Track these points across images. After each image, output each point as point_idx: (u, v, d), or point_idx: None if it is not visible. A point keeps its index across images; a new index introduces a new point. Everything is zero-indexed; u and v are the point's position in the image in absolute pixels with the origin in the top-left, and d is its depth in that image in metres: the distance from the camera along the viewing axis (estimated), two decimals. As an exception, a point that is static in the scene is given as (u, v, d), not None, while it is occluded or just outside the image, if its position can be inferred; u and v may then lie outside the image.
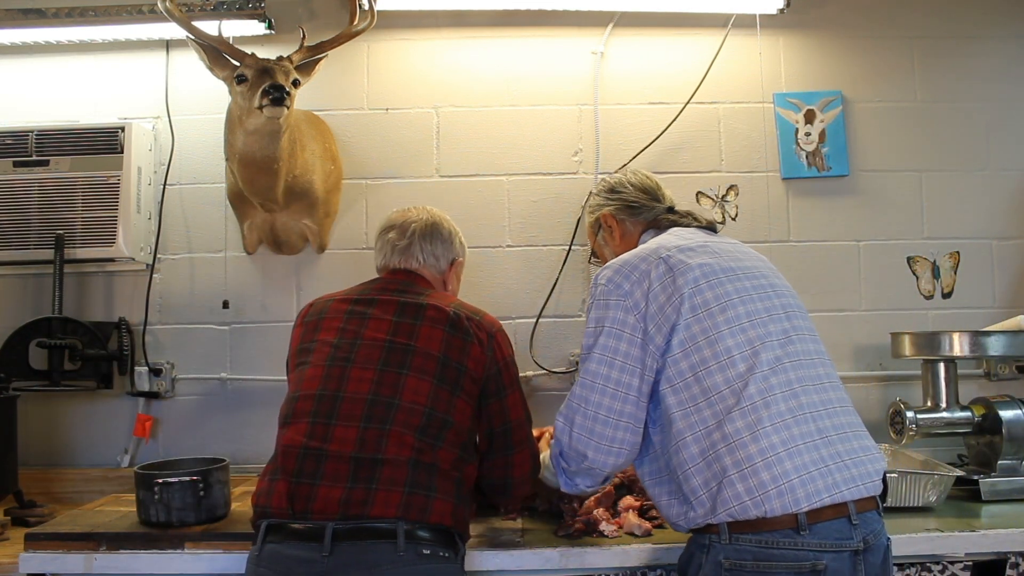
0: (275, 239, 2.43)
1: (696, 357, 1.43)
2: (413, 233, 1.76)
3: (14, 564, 1.67)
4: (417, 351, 1.54)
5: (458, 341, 1.57)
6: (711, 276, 1.50)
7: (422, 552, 1.40)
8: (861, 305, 2.51)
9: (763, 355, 1.43)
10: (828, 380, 1.49)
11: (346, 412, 1.48)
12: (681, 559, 1.49)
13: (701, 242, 1.59)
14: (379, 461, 1.43)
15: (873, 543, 1.39)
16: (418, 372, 1.52)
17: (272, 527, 1.44)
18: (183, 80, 2.48)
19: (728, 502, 1.35)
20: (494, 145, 2.50)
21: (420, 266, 1.75)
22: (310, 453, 1.46)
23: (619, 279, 1.53)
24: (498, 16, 2.48)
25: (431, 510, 1.43)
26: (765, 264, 1.62)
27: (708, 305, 1.46)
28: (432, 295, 1.67)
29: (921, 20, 2.57)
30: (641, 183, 1.82)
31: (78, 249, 2.31)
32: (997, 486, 2.05)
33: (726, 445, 1.37)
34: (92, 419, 2.43)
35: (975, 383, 2.48)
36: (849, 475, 1.38)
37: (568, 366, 2.45)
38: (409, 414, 1.48)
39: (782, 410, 1.39)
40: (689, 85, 2.49)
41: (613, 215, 1.81)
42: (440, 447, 1.48)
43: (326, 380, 1.53)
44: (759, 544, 1.34)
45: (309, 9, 2.49)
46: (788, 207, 2.52)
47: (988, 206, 2.55)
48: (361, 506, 1.40)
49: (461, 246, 1.85)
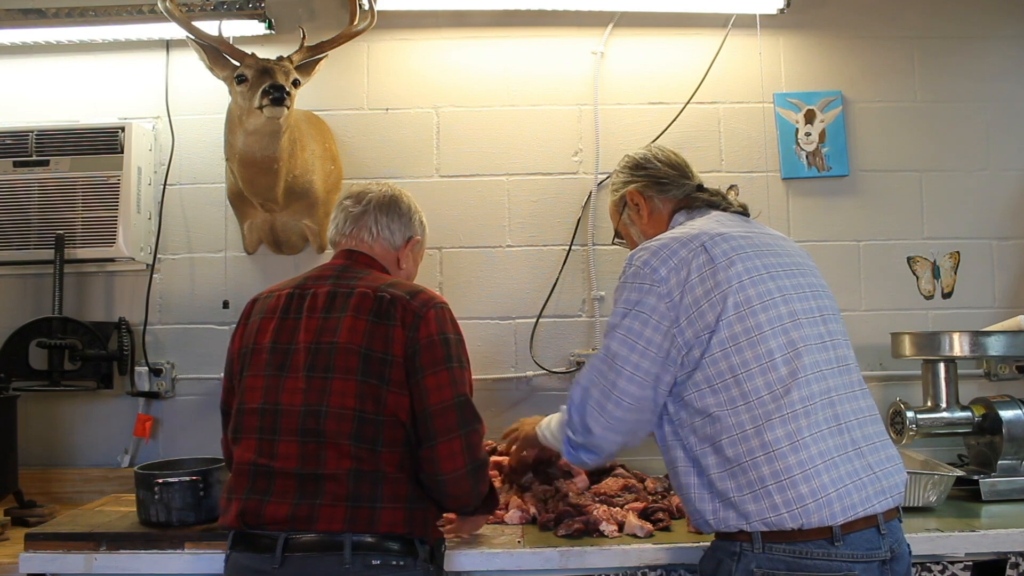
0: (275, 239, 2.43)
1: (737, 358, 1.38)
2: (369, 202, 1.66)
3: (14, 564, 1.67)
4: (339, 349, 1.46)
5: (381, 329, 1.46)
6: (754, 272, 1.44)
7: (371, 563, 1.39)
8: (861, 305, 2.51)
9: (805, 359, 1.39)
10: (860, 388, 1.48)
11: (285, 426, 1.45)
12: (705, 564, 1.47)
13: (743, 232, 1.51)
14: (320, 477, 1.41)
15: (898, 552, 1.40)
16: (342, 373, 1.44)
17: (236, 537, 1.46)
18: (183, 80, 2.48)
19: (764, 512, 1.33)
20: (494, 145, 2.50)
21: (372, 239, 1.65)
22: (260, 471, 1.44)
23: (656, 263, 1.45)
24: (498, 16, 2.48)
25: (378, 521, 1.40)
26: (805, 260, 1.57)
27: (751, 303, 1.41)
28: (365, 278, 1.56)
29: (921, 20, 2.57)
30: (669, 159, 1.72)
31: (78, 249, 2.31)
32: (997, 486, 2.05)
33: (765, 454, 1.34)
34: (92, 419, 2.43)
35: (975, 383, 2.47)
36: (880, 487, 1.38)
37: (568, 366, 2.45)
38: (339, 420, 1.42)
39: (819, 420, 1.37)
40: (689, 85, 2.49)
41: (640, 192, 1.70)
42: (380, 451, 1.42)
43: (266, 392, 1.48)
44: (792, 554, 1.33)
45: (309, 9, 2.49)
46: (788, 207, 2.52)
47: (988, 206, 2.55)
48: (307, 522, 1.39)
49: (421, 225, 1.74)
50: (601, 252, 2.47)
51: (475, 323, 2.44)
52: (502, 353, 2.45)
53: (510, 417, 2.42)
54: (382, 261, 1.65)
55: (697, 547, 1.66)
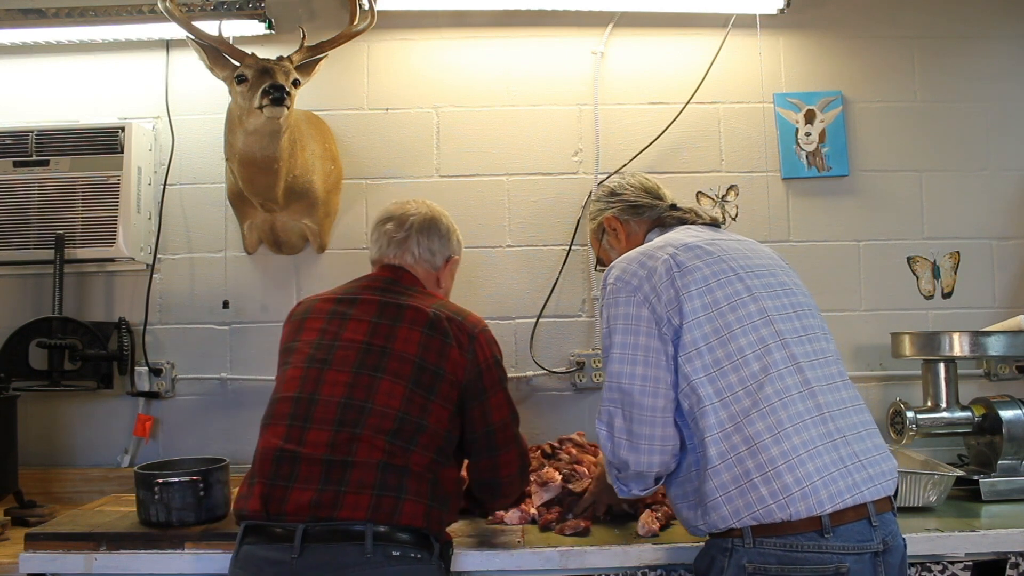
0: (275, 239, 2.43)
1: (709, 357, 1.42)
2: (411, 226, 1.73)
3: (14, 564, 1.67)
4: (393, 354, 1.53)
5: (436, 343, 1.54)
6: (720, 275, 1.48)
7: (392, 554, 1.40)
8: (861, 305, 2.51)
9: (776, 354, 1.42)
10: (841, 379, 1.49)
11: (320, 415, 1.48)
12: (699, 562, 1.48)
13: (708, 239, 1.57)
14: (349, 464, 1.43)
15: (891, 544, 1.40)
16: (392, 375, 1.51)
17: (248, 529, 1.46)
18: (183, 80, 2.48)
19: (752, 506, 1.34)
20: (494, 145, 2.50)
21: (415, 261, 1.72)
22: (285, 456, 1.46)
23: (627, 276, 1.51)
24: (498, 16, 2.48)
25: (401, 512, 1.42)
26: (776, 261, 1.60)
27: (718, 304, 1.45)
28: (415, 295, 1.64)
29: (921, 20, 2.57)
30: (641, 183, 1.81)
31: (78, 249, 2.31)
32: (997, 486, 2.05)
33: (748, 448, 1.36)
34: (92, 419, 2.43)
35: (975, 383, 2.48)
36: (867, 475, 1.39)
37: (568, 366, 2.45)
38: (381, 418, 1.47)
39: (800, 411, 1.38)
40: (689, 85, 2.49)
41: (617, 217, 1.78)
42: (413, 450, 1.47)
43: (303, 383, 1.53)
44: (783, 547, 1.34)
45: (309, 9, 2.49)
46: (788, 207, 2.52)
47: (988, 206, 2.55)
48: (331, 508, 1.40)
49: (458, 244, 1.83)
50: (601, 252, 2.48)
51: (475, 323, 2.43)
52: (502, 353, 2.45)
53: (510, 417, 2.43)
54: (424, 281, 1.73)
55: (696, 547, 1.64)
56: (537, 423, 2.40)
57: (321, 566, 1.38)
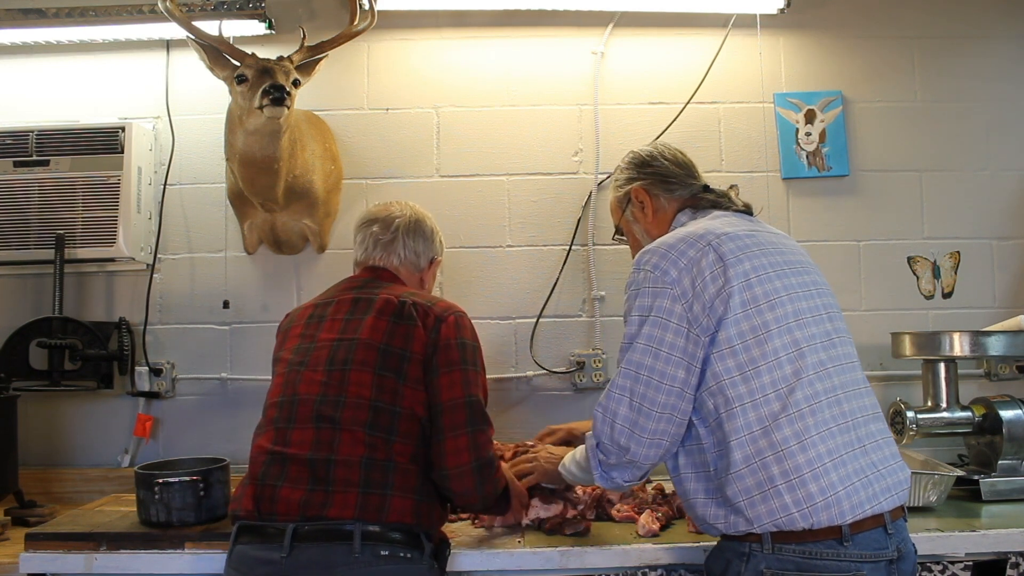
0: (275, 239, 2.43)
1: (744, 356, 1.37)
2: (397, 228, 1.75)
3: (14, 564, 1.67)
4: (359, 343, 1.53)
5: (402, 328, 1.54)
6: (760, 271, 1.43)
7: (380, 553, 1.40)
8: (861, 305, 2.51)
9: (809, 358, 1.39)
10: (864, 385, 1.47)
11: (301, 415, 1.50)
12: (712, 564, 1.46)
13: (748, 230, 1.50)
14: (332, 462, 1.44)
15: (904, 551, 1.40)
16: (359, 365, 1.51)
17: (241, 529, 1.47)
18: (183, 80, 2.48)
19: (775, 513, 1.33)
20: (494, 145, 2.50)
21: (400, 263, 1.74)
22: (275, 457, 1.49)
23: (666, 265, 1.43)
24: (498, 16, 2.48)
25: (388, 508, 1.42)
26: (807, 258, 1.56)
27: (757, 301, 1.40)
28: (390, 287, 1.65)
29: (921, 20, 2.57)
30: (676, 157, 1.69)
31: (78, 249, 2.31)
32: (997, 486, 2.05)
33: (773, 454, 1.34)
34: (92, 419, 2.43)
35: (975, 383, 2.48)
36: (885, 485, 1.38)
37: (568, 366, 2.45)
38: (356, 409, 1.48)
39: (827, 418, 1.37)
40: (689, 85, 2.49)
41: (646, 189, 1.67)
42: (394, 441, 1.47)
43: (285, 387, 1.56)
44: (802, 555, 1.33)
45: (309, 9, 2.49)
46: (788, 207, 2.52)
47: (988, 206, 2.55)
48: (320, 508, 1.41)
49: (441, 245, 1.84)
50: (601, 252, 2.48)
51: (475, 323, 2.36)
52: (502, 353, 2.45)
53: (510, 417, 2.43)
54: (407, 281, 1.74)
55: (697, 547, 1.66)
56: (537, 423, 2.38)
57: (310, 565, 1.39)
